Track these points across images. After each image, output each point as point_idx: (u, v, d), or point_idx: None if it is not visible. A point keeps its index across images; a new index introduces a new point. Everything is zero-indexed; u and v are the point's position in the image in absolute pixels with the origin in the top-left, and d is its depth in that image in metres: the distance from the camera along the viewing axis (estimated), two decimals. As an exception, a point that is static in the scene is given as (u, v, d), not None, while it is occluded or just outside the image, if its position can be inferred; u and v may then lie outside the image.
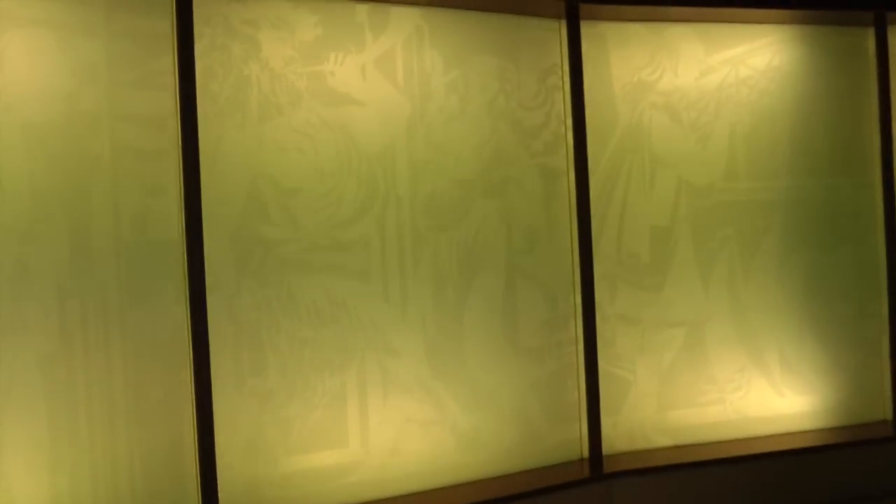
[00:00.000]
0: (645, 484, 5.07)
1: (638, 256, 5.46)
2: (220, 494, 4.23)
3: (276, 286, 4.54)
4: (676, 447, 5.43)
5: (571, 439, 5.22)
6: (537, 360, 5.19)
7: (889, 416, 5.80)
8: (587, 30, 5.22)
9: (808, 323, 5.73)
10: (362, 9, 4.80)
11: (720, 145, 5.60)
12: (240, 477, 4.38)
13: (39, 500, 3.92)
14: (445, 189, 4.93)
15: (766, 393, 5.65)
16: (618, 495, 4.97)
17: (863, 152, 5.84)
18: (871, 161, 5.84)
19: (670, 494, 5.10)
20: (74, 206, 4.05)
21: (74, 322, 4.02)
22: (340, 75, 4.67)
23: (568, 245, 5.27)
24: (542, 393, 5.18)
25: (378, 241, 4.79)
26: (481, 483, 4.90)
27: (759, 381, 5.64)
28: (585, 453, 5.16)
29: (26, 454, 3.92)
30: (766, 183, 5.66)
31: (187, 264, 4.22)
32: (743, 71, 5.62)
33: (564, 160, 5.21)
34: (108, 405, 4.09)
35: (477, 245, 5.06)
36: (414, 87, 4.92)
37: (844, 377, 5.80)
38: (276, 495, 4.46)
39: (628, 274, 5.46)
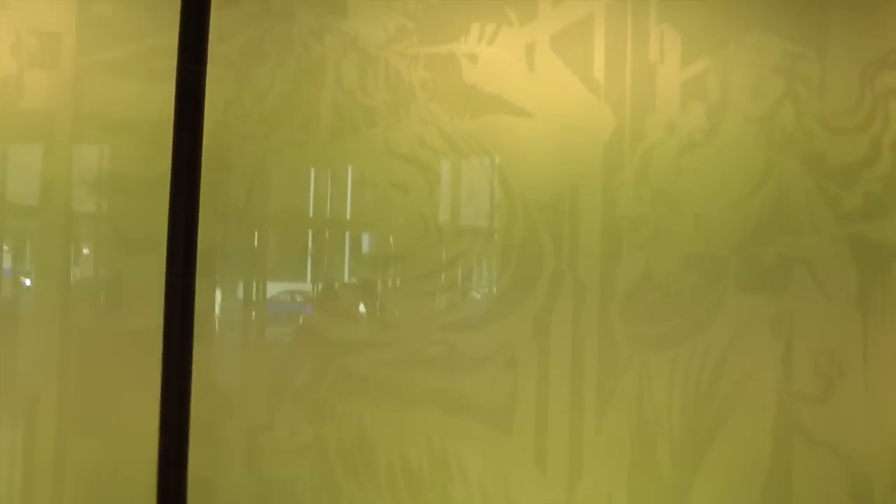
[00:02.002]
0: None
1: None
2: None
3: (340, 422, 2.64)
4: None
5: None
6: None
7: None
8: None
9: None
10: None
11: None
12: None
13: None
14: (671, 272, 2.92)
15: None
16: None
17: None
18: None
19: None
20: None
21: None
22: (487, 63, 2.87)
23: (903, 389, 2.93)
24: None
25: (533, 360, 2.81)
26: None
27: None
28: None
29: None
30: None
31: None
32: None
33: (906, 229, 2.90)
34: None
35: (725, 376, 2.88)
36: (623, 87, 2.87)
37: None
38: None
39: None
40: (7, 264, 2.68)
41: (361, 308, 2.76)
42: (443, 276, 2.79)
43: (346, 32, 2.79)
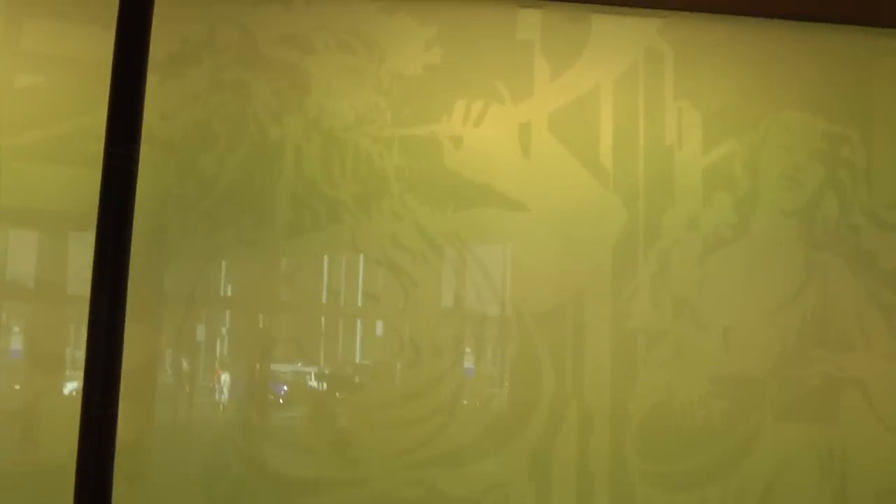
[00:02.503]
0: None
1: None
2: None
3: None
4: None
5: None
6: None
7: None
8: None
9: None
10: (531, 17, 2.46)
11: None
12: None
13: None
14: (696, 397, 2.48)
15: None
16: None
17: None
18: None
19: None
20: None
21: None
22: (474, 146, 2.49)
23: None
24: None
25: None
26: None
27: None
28: None
29: None
30: None
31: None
32: None
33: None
34: None
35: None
36: (635, 176, 2.48)
37: None
38: None
39: None
40: None
41: (322, 440, 2.32)
42: (421, 401, 2.34)
43: (309, 111, 2.40)
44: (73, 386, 2.25)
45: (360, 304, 2.32)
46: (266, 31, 2.44)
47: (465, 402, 2.34)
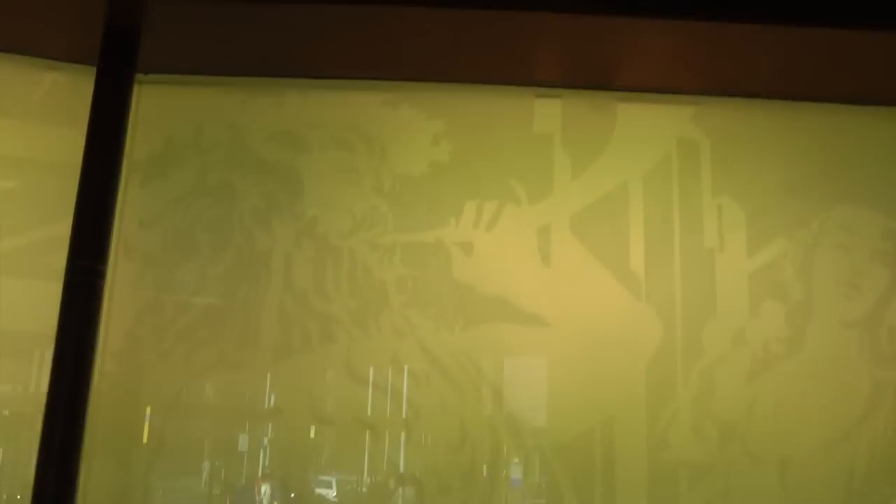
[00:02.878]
0: None
1: None
2: None
3: None
4: None
5: None
6: None
7: None
8: None
9: None
10: (550, 107, 2.25)
11: None
12: None
13: None
14: None
15: None
16: None
17: None
18: None
19: None
20: None
21: None
22: (486, 254, 2.25)
23: None
24: None
25: None
26: None
27: None
28: None
29: None
30: None
31: None
32: None
33: None
34: None
35: None
36: (671, 284, 2.20)
37: None
38: None
39: None
40: None
41: None
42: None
43: (301, 216, 2.17)
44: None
45: (354, 434, 2.05)
46: (256, 129, 2.24)
47: (475, 552, 2.05)
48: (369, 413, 2.07)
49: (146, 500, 2.01)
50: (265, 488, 2.02)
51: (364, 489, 2.04)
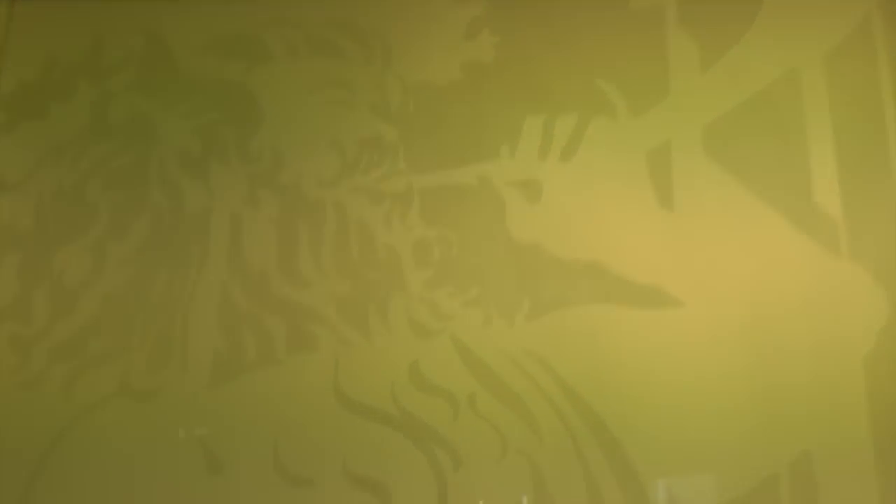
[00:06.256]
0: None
1: None
2: None
3: None
4: None
5: None
6: None
7: None
8: None
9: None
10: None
11: None
12: None
13: None
14: None
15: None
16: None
17: None
18: None
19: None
20: None
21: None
22: (564, 195, 1.51)
23: None
24: None
25: None
26: None
27: None
28: None
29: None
30: None
31: None
32: None
33: None
34: None
35: None
36: (888, 230, 1.36)
37: None
38: None
39: None
40: None
41: None
42: None
43: (257, 159, 1.47)
44: None
45: (349, 502, 1.29)
46: (186, 36, 1.59)
47: None
48: (374, 464, 1.32)
49: None
50: None
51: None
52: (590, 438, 1.35)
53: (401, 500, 1.36)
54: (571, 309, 1.42)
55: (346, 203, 1.52)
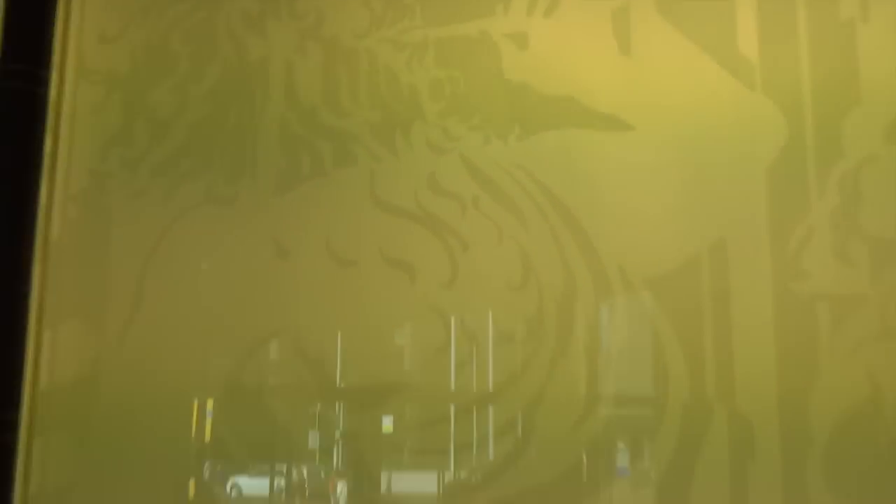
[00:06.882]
0: None
1: None
2: None
3: None
4: None
5: None
6: None
7: None
8: None
9: None
10: None
11: None
12: None
13: None
14: None
15: None
16: None
17: None
18: None
19: None
20: None
21: None
22: (546, 44, 1.94)
23: None
24: None
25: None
26: None
27: None
28: None
29: None
30: None
31: None
32: None
33: None
34: None
35: None
36: (797, 68, 1.84)
37: None
38: None
39: None
40: None
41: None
42: (488, 414, 1.74)
43: (304, 16, 1.87)
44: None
45: (383, 276, 1.74)
46: None
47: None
48: (402, 249, 1.77)
49: (124, 372, 1.75)
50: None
51: (400, 344, 1.75)
52: (563, 228, 1.78)
53: (423, 275, 1.82)
54: (551, 132, 1.82)
55: (376, 51, 1.91)
